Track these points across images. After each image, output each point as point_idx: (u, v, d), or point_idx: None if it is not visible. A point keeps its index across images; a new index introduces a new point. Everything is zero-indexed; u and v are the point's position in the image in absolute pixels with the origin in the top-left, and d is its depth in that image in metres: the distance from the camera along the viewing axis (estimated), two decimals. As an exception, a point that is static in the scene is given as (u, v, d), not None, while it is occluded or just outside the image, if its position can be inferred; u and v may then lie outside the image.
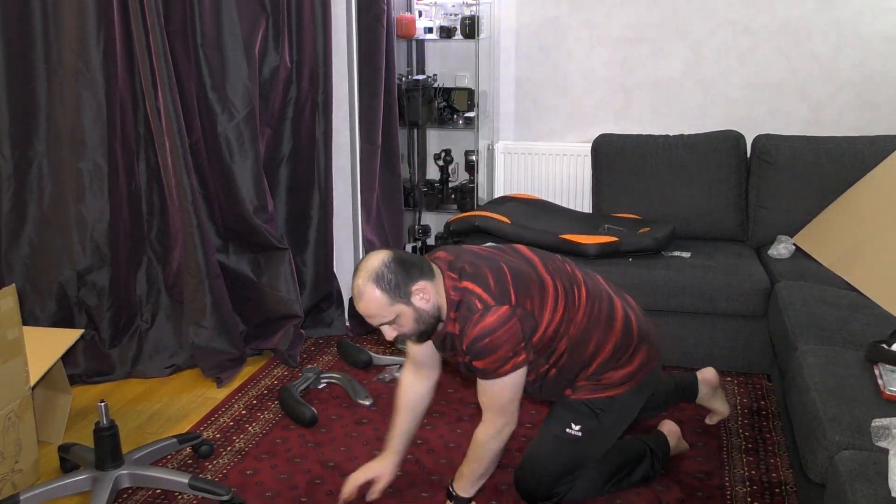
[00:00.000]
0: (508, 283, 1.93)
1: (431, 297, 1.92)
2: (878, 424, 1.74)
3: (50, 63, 2.81)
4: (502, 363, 1.90)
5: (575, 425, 2.12)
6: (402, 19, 3.53)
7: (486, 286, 1.91)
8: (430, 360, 2.19)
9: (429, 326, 1.96)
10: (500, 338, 1.88)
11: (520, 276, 1.97)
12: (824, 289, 2.68)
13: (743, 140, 3.32)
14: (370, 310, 1.89)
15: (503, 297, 1.91)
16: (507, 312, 1.89)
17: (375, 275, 1.88)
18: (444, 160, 3.86)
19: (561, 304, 2.00)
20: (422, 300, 1.91)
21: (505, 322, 1.88)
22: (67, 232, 2.90)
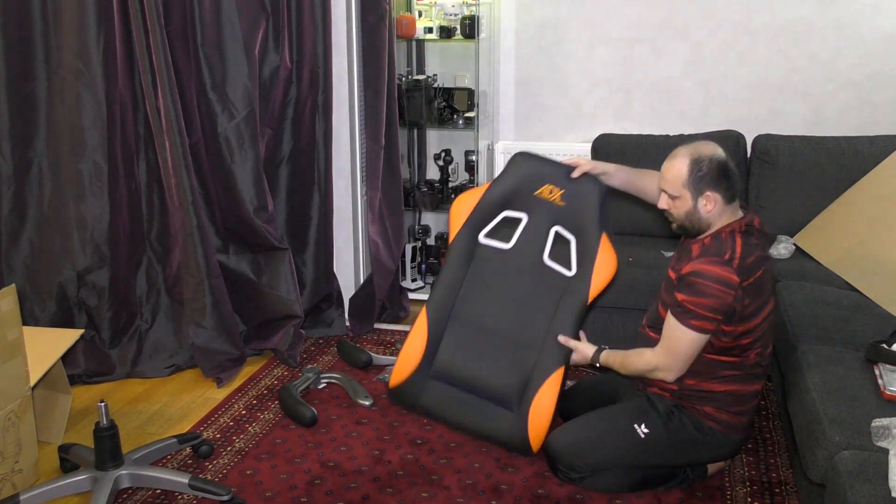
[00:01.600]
0: (755, 275, 2.00)
1: (713, 211, 2.04)
2: (878, 424, 1.75)
3: (50, 63, 2.81)
4: (693, 312, 1.99)
5: (645, 427, 2.17)
6: (402, 19, 3.52)
7: (746, 255, 1.99)
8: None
9: (692, 226, 2.09)
10: (711, 289, 1.96)
11: (764, 283, 2.05)
12: (824, 289, 2.68)
13: (743, 140, 3.32)
14: (668, 174, 2.06)
15: (742, 273, 1.97)
16: (732, 282, 1.96)
17: (697, 156, 2.02)
18: (444, 160, 3.86)
19: (752, 336, 2.07)
20: (704, 206, 2.04)
21: (723, 283, 1.96)
22: (67, 232, 2.90)
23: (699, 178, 2.02)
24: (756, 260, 2.02)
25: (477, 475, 2.34)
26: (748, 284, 1.99)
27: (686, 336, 2.03)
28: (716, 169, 2.02)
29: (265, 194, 3.04)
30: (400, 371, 2.44)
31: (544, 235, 2.44)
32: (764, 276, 2.06)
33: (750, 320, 2.05)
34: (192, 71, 2.86)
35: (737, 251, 1.99)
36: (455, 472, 2.35)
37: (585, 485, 2.23)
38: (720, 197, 2.03)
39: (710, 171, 2.02)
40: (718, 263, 1.98)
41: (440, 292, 2.47)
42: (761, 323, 2.08)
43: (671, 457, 2.21)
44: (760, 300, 2.05)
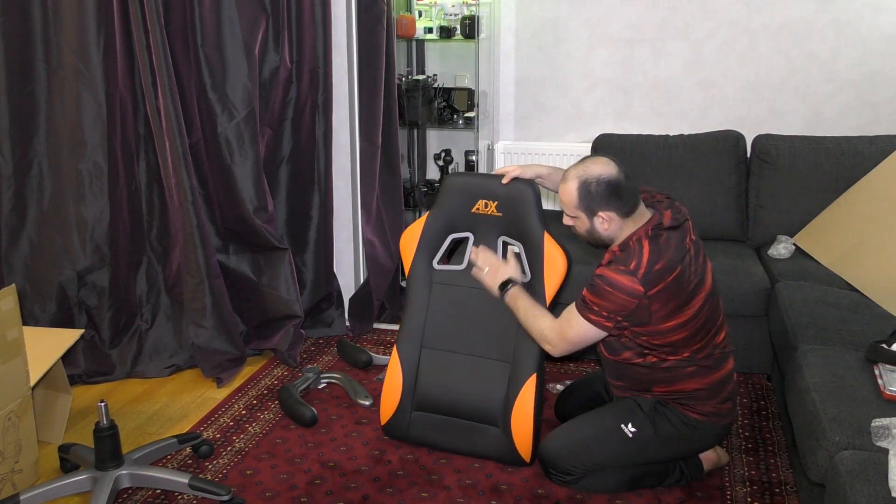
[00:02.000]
0: (663, 281, 2.00)
1: (611, 228, 2.08)
2: (878, 424, 1.74)
3: (50, 63, 2.81)
4: (591, 309, 2.04)
5: (632, 427, 2.17)
6: (402, 19, 3.53)
7: (652, 262, 1.99)
8: None
9: (597, 242, 2.15)
10: (613, 296, 2.00)
11: (678, 286, 2.03)
12: (824, 289, 2.68)
13: (743, 140, 3.32)
14: (562, 197, 2.11)
15: (647, 281, 1.99)
16: (637, 292, 1.99)
17: (585, 179, 2.05)
18: (444, 160, 3.86)
19: (684, 333, 2.08)
20: (601, 224, 2.08)
21: (627, 293, 1.99)
22: (67, 232, 2.90)
23: (590, 200, 2.04)
24: (666, 264, 2.00)
25: (477, 475, 2.34)
26: (656, 292, 1.99)
27: (581, 326, 2.07)
28: (605, 189, 2.02)
29: (265, 194, 3.04)
30: (385, 411, 2.49)
31: (493, 248, 2.46)
32: (680, 277, 2.02)
33: (669, 320, 2.04)
34: (192, 71, 2.86)
35: (643, 259, 1.99)
36: (455, 472, 2.35)
37: (580, 486, 2.24)
38: (614, 214, 2.05)
39: (600, 192, 2.03)
40: (623, 273, 1.99)
41: (408, 326, 2.50)
42: (691, 319, 2.06)
43: (662, 452, 2.22)
44: (676, 302, 2.03)
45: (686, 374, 2.14)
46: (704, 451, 2.31)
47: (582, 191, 2.04)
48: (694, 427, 2.17)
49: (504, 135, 3.91)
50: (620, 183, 2.03)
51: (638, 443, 2.17)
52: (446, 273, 2.51)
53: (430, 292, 2.50)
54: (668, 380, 2.16)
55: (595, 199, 2.04)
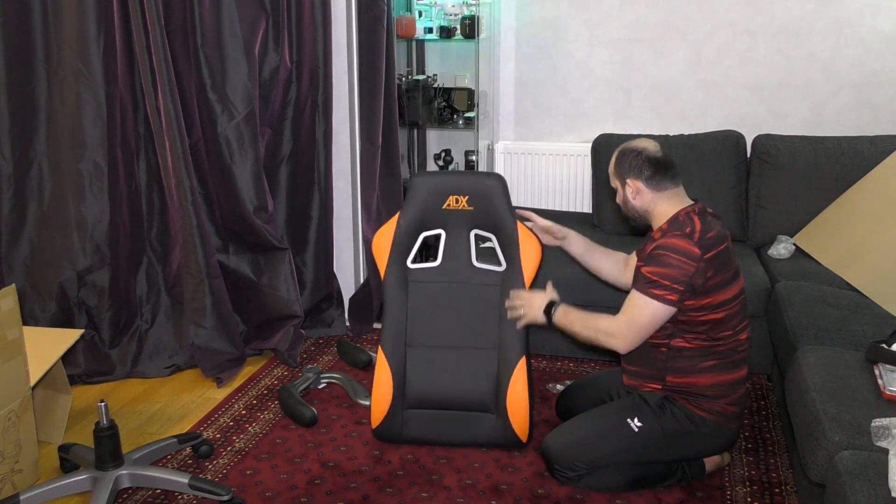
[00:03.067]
0: (717, 249, 2.06)
1: (641, 199, 2.15)
2: (878, 424, 1.75)
3: (50, 63, 2.81)
4: (657, 283, 2.04)
5: (638, 421, 2.18)
6: (402, 19, 3.53)
7: (705, 231, 2.06)
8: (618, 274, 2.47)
9: (634, 217, 2.22)
10: (675, 261, 2.03)
11: (727, 257, 2.11)
12: (824, 289, 2.68)
13: (743, 140, 3.32)
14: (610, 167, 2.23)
15: (704, 247, 2.04)
16: (696, 255, 2.02)
17: (623, 149, 2.18)
18: (444, 160, 3.86)
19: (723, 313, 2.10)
20: (631, 194, 2.16)
21: (688, 256, 2.02)
22: (67, 232, 2.90)
23: (623, 167, 2.17)
24: (717, 234, 2.08)
25: (477, 475, 2.34)
26: (711, 257, 2.04)
27: (648, 305, 2.07)
28: (636, 158, 2.14)
29: (265, 194, 3.04)
30: (376, 413, 2.47)
31: (466, 242, 2.51)
32: (727, 252, 2.10)
33: (716, 293, 2.07)
34: (192, 71, 2.86)
35: (696, 227, 2.07)
36: (455, 472, 2.36)
37: (583, 484, 2.24)
38: (642, 185, 2.14)
39: (631, 161, 2.15)
40: (680, 237, 2.05)
41: (389, 328, 2.50)
42: (731, 300, 2.11)
43: (667, 450, 2.22)
44: (726, 274, 2.09)
45: (703, 367, 2.14)
46: (708, 456, 2.30)
47: (619, 157, 2.18)
48: (698, 424, 2.17)
49: (504, 135, 3.91)
50: (655, 158, 2.13)
51: (643, 438, 2.17)
52: (421, 271, 2.53)
53: (407, 292, 2.51)
54: (685, 370, 2.15)
55: (626, 168, 2.15)
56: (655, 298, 2.05)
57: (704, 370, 2.15)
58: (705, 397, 2.16)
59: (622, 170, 2.17)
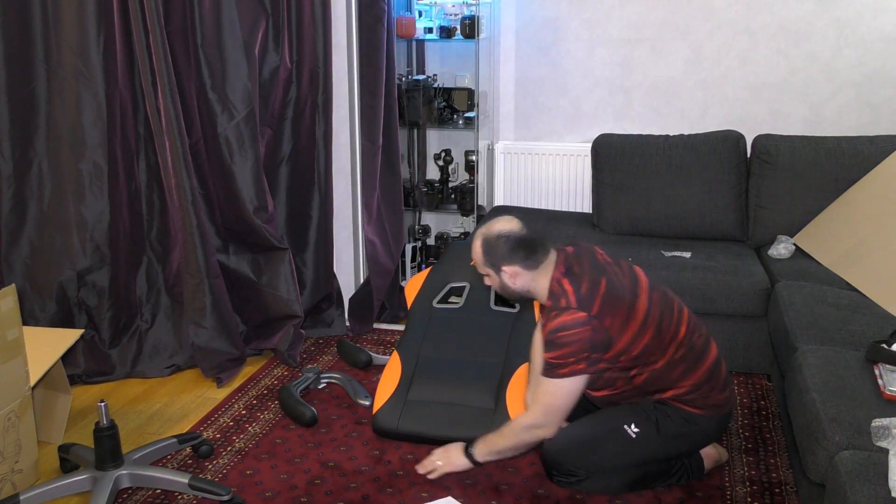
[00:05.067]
0: (598, 296, 2.05)
1: (520, 281, 2.14)
2: (878, 424, 1.75)
3: (50, 63, 2.81)
4: (562, 363, 2.04)
5: (635, 427, 2.17)
6: (402, 19, 3.53)
7: (578, 289, 2.06)
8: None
9: (514, 296, 2.21)
10: (568, 337, 2.02)
11: (613, 294, 2.07)
12: (824, 289, 2.68)
13: (743, 140, 3.32)
14: (473, 255, 2.21)
15: (585, 305, 2.03)
16: (583, 319, 2.02)
17: (486, 236, 2.15)
18: (444, 160, 3.86)
19: (649, 334, 2.08)
20: (508, 279, 2.15)
21: (577, 326, 2.02)
22: (67, 232, 2.90)
23: (493, 256, 2.13)
24: (589, 283, 2.06)
25: (477, 475, 2.34)
26: (598, 310, 2.03)
27: (559, 386, 2.07)
28: (504, 244, 2.11)
29: (265, 194, 3.04)
30: (379, 399, 2.56)
31: (487, 292, 2.83)
32: (610, 286, 2.07)
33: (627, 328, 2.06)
34: (192, 71, 2.86)
35: (569, 293, 2.06)
36: (455, 472, 2.35)
37: (583, 488, 2.24)
38: (518, 268, 2.12)
39: (501, 248, 2.11)
40: (561, 313, 2.04)
41: (408, 338, 2.75)
42: (646, 317, 2.07)
43: (665, 450, 2.22)
44: (622, 308, 2.06)
45: (675, 377, 2.13)
46: (706, 446, 2.31)
47: (485, 248, 2.14)
48: (695, 423, 2.17)
49: (504, 135, 3.91)
50: (521, 238, 2.12)
51: (641, 442, 2.17)
52: (444, 310, 2.84)
53: (428, 323, 2.79)
54: (662, 388, 2.15)
55: (497, 255, 2.12)
56: (564, 377, 2.06)
57: (678, 377, 2.14)
58: (696, 396, 2.16)
59: (494, 258, 2.13)
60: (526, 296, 2.19)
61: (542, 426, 2.14)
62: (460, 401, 2.49)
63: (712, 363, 2.18)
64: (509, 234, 2.12)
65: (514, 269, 2.12)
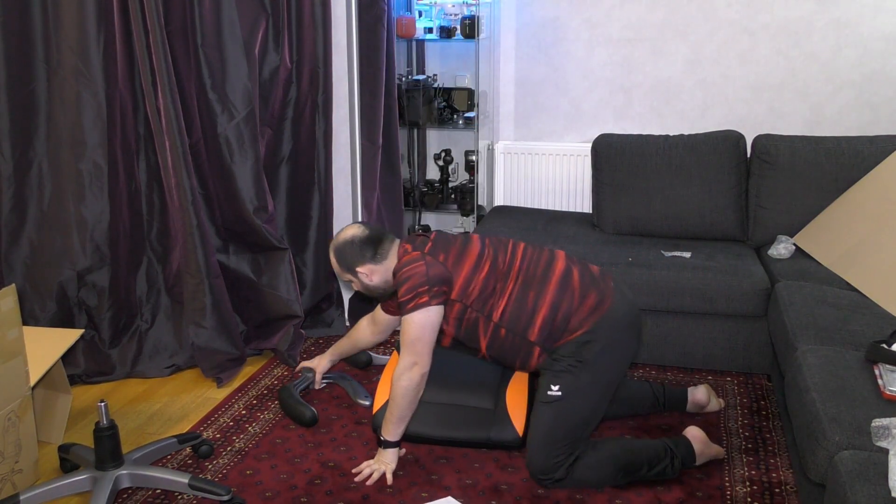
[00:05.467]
0: (429, 241, 2.30)
1: (375, 277, 2.35)
2: (878, 424, 1.75)
3: (50, 63, 2.81)
4: (410, 298, 2.19)
5: (554, 386, 2.22)
6: (402, 19, 3.53)
7: (413, 243, 2.30)
8: (385, 325, 2.74)
9: (376, 294, 2.42)
10: (407, 272, 2.20)
11: (443, 239, 2.32)
12: (824, 289, 2.68)
13: (743, 140, 3.32)
14: (333, 268, 2.40)
15: (419, 248, 2.27)
16: (417, 256, 2.23)
17: (336, 246, 2.36)
18: (444, 160, 3.86)
19: (486, 266, 2.25)
20: (366, 278, 2.35)
21: (413, 262, 2.21)
22: (67, 232, 2.90)
23: (346, 262, 2.34)
24: (422, 239, 2.30)
25: (477, 475, 2.34)
26: (429, 248, 2.25)
27: (413, 322, 2.19)
28: (351, 248, 2.32)
29: (265, 194, 3.04)
30: (379, 399, 2.54)
31: None
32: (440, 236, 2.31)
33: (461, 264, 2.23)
34: (192, 71, 2.86)
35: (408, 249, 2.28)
36: (455, 472, 2.36)
37: (572, 482, 2.24)
38: (369, 264, 2.33)
39: (350, 252, 2.32)
40: (401, 263, 2.24)
41: None
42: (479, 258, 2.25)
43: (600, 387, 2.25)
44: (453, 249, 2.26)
45: (530, 307, 2.22)
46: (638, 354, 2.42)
47: (338, 256, 2.35)
48: (590, 340, 2.20)
49: (504, 135, 3.91)
50: (365, 238, 2.32)
51: (572, 396, 2.20)
52: None
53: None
54: (527, 323, 2.22)
55: (350, 260, 2.33)
56: (413, 310, 2.18)
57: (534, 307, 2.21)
58: (563, 319, 2.21)
59: (348, 264, 2.33)
60: (387, 288, 2.36)
61: (413, 363, 2.21)
62: (460, 401, 2.49)
63: (560, 278, 2.25)
64: (353, 239, 2.32)
65: (368, 268, 2.32)
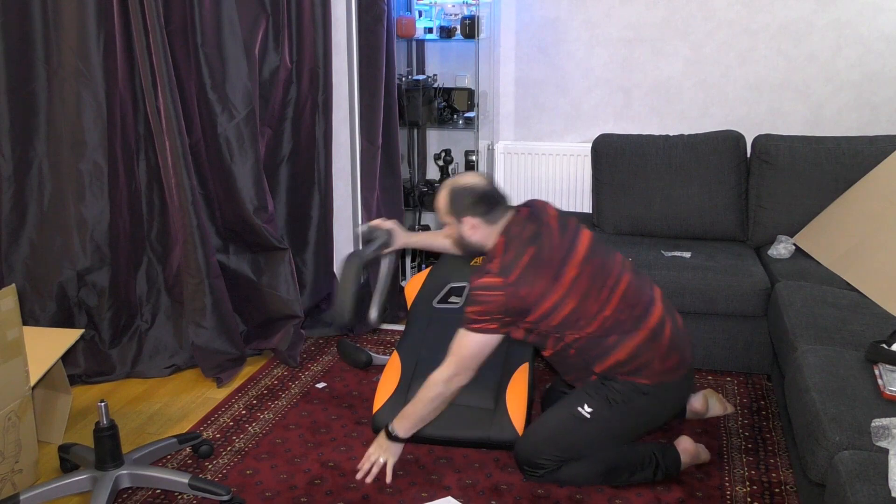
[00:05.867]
0: (520, 265, 2.13)
1: (478, 234, 2.25)
2: (878, 424, 1.75)
3: (50, 63, 2.81)
4: (475, 319, 2.15)
5: (588, 407, 2.20)
6: (402, 20, 3.53)
7: (505, 255, 2.16)
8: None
9: (467, 249, 2.32)
10: (483, 298, 2.13)
11: (537, 264, 2.15)
12: (824, 289, 2.68)
13: (743, 140, 3.32)
14: (437, 204, 2.30)
15: (505, 272, 2.13)
16: (499, 284, 2.12)
17: (453, 188, 2.26)
18: (444, 160, 3.86)
19: (570, 304, 2.14)
20: (468, 230, 2.25)
21: (492, 289, 2.12)
22: (67, 232, 2.90)
23: (455, 207, 2.24)
24: (517, 251, 2.15)
25: (477, 475, 2.34)
26: (516, 277, 2.11)
27: (470, 338, 2.17)
28: (469, 196, 2.22)
29: (265, 194, 3.04)
30: (379, 399, 2.55)
31: None
32: (537, 256, 2.15)
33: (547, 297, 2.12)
34: (192, 71, 2.87)
35: (497, 257, 2.17)
36: (455, 472, 2.36)
37: (555, 479, 2.25)
38: (479, 221, 2.22)
39: (468, 199, 2.22)
40: (485, 274, 2.15)
41: (408, 338, 2.75)
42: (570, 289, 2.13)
43: (625, 426, 2.24)
44: (544, 278, 2.13)
45: (610, 344, 2.16)
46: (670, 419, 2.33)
47: (451, 197, 2.25)
48: (646, 393, 2.19)
49: (504, 135, 3.91)
50: (484, 192, 2.23)
51: (598, 421, 2.19)
52: (445, 310, 2.84)
53: (428, 324, 2.78)
54: (600, 355, 2.18)
55: (460, 206, 2.23)
56: (476, 332, 2.16)
57: (613, 346, 2.16)
58: (640, 365, 2.17)
59: (458, 208, 2.24)
60: (479, 250, 2.30)
61: (457, 375, 2.20)
62: (460, 401, 2.49)
63: (650, 334, 2.18)
64: (473, 188, 2.23)
65: (474, 222, 2.22)
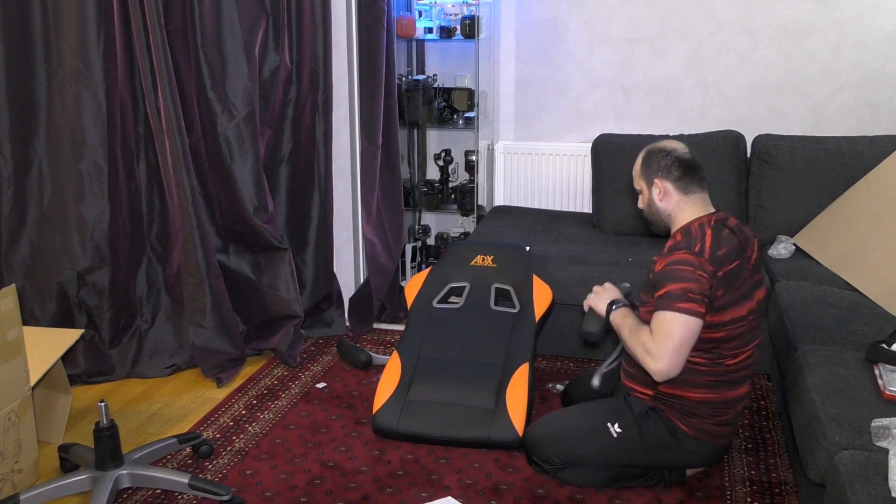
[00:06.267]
0: (725, 266, 1.99)
1: (668, 202, 2.12)
2: (878, 424, 1.75)
3: (50, 63, 2.81)
4: (678, 296, 1.94)
5: (619, 427, 2.17)
6: (402, 19, 3.53)
7: (714, 248, 1.99)
8: None
9: (656, 220, 2.18)
10: (693, 274, 1.95)
11: (735, 277, 2.02)
12: (824, 289, 2.68)
13: (743, 140, 3.32)
14: (633, 168, 2.21)
15: (714, 262, 1.98)
16: (707, 269, 1.96)
17: (650, 148, 2.16)
18: (444, 160, 3.86)
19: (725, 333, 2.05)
20: (657, 195, 2.13)
21: (700, 269, 1.96)
22: (67, 232, 2.90)
23: (650, 168, 2.14)
24: (728, 252, 2.01)
25: (477, 475, 2.34)
26: (722, 275, 1.98)
27: (675, 320, 1.94)
28: (665, 158, 2.11)
29: (265, 194, 3.04)
30: (379, 399, 2.56)
31: (487, 291, 2.89)
32: (739, 270, 2.02)
33: (723, 312, 2.01)
34: (192, 71, 2.86)
35: (706, 243, 2.00)
36: (455, 472, 2.36)
37: (559, 477, 2.26)
38: (670, 186, 2.10)
39: (660, 161, 2.11)
40: (690, 253, 1.98)
41: (408, 338, 2.76)
42: (738, 320, 2.04)
43: (643, 458, 2.21)
44: (735, 294, 2.02)
45: (697, 383, 2.10)
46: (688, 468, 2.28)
47: (646, 157, 2.15)
48: (680, 439, 2.16)
49: (504, 135, 3.91)
50: (684, 159, 2.10)
51: (621, 444, 2.17)
52: (444, 310, 2.87)
53: (428, 323, 2.80)
54: (678, 382, 2.09)
55: (654, 168, 2.12)
56: (681, 312, 1.93)
57: (697, 386, 2.11)
58: (693, 414, 2.14)
59: (650, 170, 2.13)
60: (665, 220, 2.15)
61: (654, 355, 1.97)
62: (460, 401, 2.49)
63: (735, 397, 2.15)
64: (672, 152, 2.11)
65: (666, 187, 2.10)
